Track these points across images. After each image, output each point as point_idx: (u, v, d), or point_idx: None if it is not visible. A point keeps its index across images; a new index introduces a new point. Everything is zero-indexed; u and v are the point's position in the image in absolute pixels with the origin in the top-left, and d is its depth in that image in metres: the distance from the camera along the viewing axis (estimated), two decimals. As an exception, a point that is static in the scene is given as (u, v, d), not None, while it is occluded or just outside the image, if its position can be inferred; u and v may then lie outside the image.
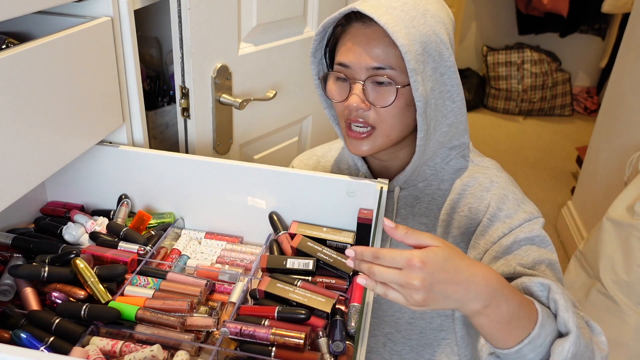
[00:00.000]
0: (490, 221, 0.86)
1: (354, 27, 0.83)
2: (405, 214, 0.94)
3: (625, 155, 2.08)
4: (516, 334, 0.67)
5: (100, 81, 0.91)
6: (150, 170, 1.00)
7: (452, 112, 0.87)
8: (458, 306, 0.64)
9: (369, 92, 0.83)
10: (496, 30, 4.39)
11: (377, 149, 0.87)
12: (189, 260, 0.94)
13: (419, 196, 0.93)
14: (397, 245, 0.95)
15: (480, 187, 0.90)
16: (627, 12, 3.08)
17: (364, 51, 0.81)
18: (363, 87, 0.82)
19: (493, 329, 0.66)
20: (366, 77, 0.82)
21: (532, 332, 0.66)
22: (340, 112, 0.88)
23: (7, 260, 0.87)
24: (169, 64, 1.45)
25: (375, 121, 0.84)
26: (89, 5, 0.90)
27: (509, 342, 0.67)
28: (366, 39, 0.81)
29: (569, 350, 0.66)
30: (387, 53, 0.80)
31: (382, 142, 0.86)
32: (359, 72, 0.82)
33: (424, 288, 0.60)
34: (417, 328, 0.96)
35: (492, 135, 3.99)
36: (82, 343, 0.73)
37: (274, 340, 0.72)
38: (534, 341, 0.67)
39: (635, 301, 1.70)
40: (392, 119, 0.84)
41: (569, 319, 0.68)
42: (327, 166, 1.06)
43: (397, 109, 0.83)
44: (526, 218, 0.85)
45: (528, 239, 0.83)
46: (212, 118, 1.23)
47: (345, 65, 0.83)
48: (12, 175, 0.73)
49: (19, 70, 0.71)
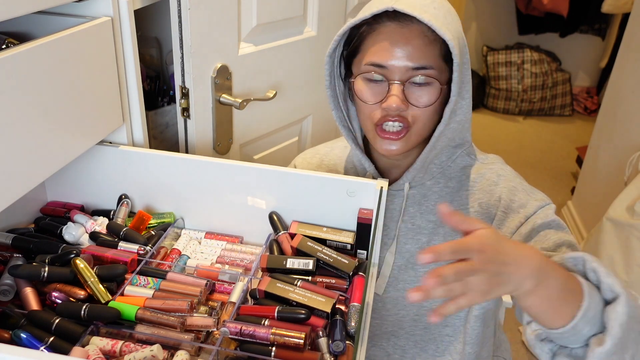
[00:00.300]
0: (505, 214, 0.88)
1: (387, 26, 0.81)
2: (414, 212, 0.94)
3: (625, 155, 2.08)
4: (567, 310, 0.65)
5: (100, 81, 0.91)
6: (150, 170, 1.00)
7: (462, 110, 0.88)
8: (514, 288, 0.62)
9: (408, 92, 0.82)
10: (496, 30, 4.39)
11: (408, 149, 0.87)
12: (189, 260, 0.94)
13: (426, 194, 0.94)
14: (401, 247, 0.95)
15: (488, 182, 0.91)
16: (627, 12, 3.08)
17: (402, 51, 0.80)
18: (402, 87, 0.81)
19: (545, 307, 0.65)
20: (407, 78, 0.81)
21: (583, 303, 0.65)
22: (369, 114, 0.86)
23: (7, 260, 0.87)
24: (169, 64, 1.45)
25: (412, 120, 0.84)
26: (89, 5, 0.90)
27: (560, 320, 0.65)
28: (404, 38, 0.80)
29: (623, 312, 0.64)
30: (426, 52, 0.80)
31: (414, 141, 0.87)
32: (398, 72, 0.81)
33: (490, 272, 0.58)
34: (422, 324, 0.96)
35: (492, 135, 3.99)
36: (82, 343, 0.73)
37: (274, 340, 0.72)
38: (586, 313, 0.65)
39: (636, 301, 1.70)
40: (428, 118, 0.84)
41: (613, 283, 0.67)
42: (331, 164, 1.06)
43: (434, 108, 0.83)
44: (539, 205, 0.86)
45: (545, 224, 0.83)
46: (212, 118, 1.23)
47: (381, 65, 0.81)
48: (12, 175, 0.73)
49: (19, 70, 0.71)
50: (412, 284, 0.94)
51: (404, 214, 0.95)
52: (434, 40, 0.80)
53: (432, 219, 0.93)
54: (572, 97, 4.30)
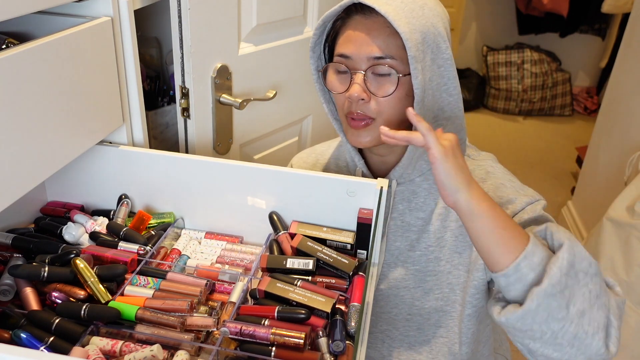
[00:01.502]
0: None
1: (354, 19, 0.84)
2: (402, 208, 0.94)
3: (625, 155, 2.08)
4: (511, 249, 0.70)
5: (100, 81, 0.91)
6: (150, 170, 1.00)
7: (449, 106, 0.88)
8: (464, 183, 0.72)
9: (370, 82, 0.83)
10: (496, 30, 4.39)
11: (376, 142, 0.87)
12: (189, 260, 0.94)
13: (415, 190, 0.94)
14: (390, 245, 0.95)
15: (477, 180, 0.90)
16: (627, 12, 3.08)
17: (364, 41, 0.82)
18: (364, 76, 0.83)
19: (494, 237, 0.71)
20: (367, 67, 0.83)
21: (527, 246, 0.69)
22: (340, 104, 0.88)
23: (7, 260, 0.87)
24: (169, 64, 1.45)
25: (376, 112, 0.85)
26: (89, 5, 0.90)
27: (505, 258, 0.70)
28: (367, 29, 0.82)
29: (563, 257, 0.68)
30: (387, 43, 0.81)
31: None
32: (360, 63, 0.83)
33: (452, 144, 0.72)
34: (415, 324, 0.96)
35: (492, 135, 3.99)
36: (82, 343, 0.73)
37: (274, 340, 0.72)
38: (529, 257, 0.69)
39: (635, 301, 1.70)
40: (392, 109, 0.85)
41: (562, 237, 0.71)
42: (326, 163, 1.06)
43: (397, 99, 0.84)
44: (528, 201, 0.87)
45: (532, 220, 0.84)
46: (212, 118, 1.23)
47: (346, 56, 0.84)
48: (12, 175, 0.73)
49: (19, 70, 0.71)
50: (402, 281, 0.94)
51: (393, 211, 0.95)
52: (396, 33, 0.81)
53: (422, 216, 0.93)
54: (572, 97, 4.30)
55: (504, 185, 0.90)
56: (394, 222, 0.95)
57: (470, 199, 0.72)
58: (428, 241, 0.93)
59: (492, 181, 0.90)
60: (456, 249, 0.92)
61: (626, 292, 1.72)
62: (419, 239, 0.94)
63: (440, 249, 0.92)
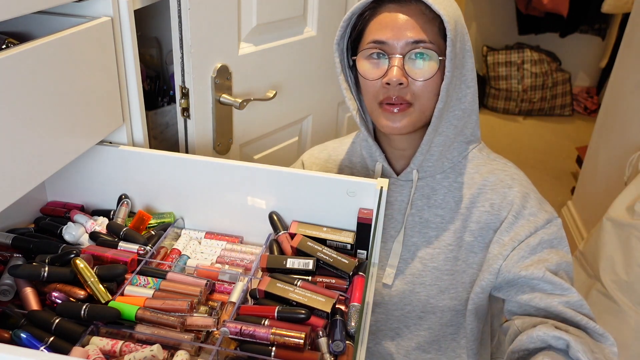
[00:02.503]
0: (515, 218, 0.89)
1: (387, 7, 0.85)
2: (421, 205, 0.95)
3: (625, 155, 2.08)
4: None
5: (100, 81, 0.91)
6: (150, 170, 1.00)
7: (466, 97, 0.89)
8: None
9: (408, 66, 0.84)
10: (496, 30, 4.39)
11: (412, 126, 0.88)
12: (189, 260, 0.94)
13: (435, 187, 0.94)
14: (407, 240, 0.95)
15: (502, 184, 0.91)
16: (627, 12, 3.08)
17: (403, 26, 0.83)
18: (402, 60, 0.83)
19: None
20: (406, 52, 0.83)
21: None
22: (374, 92, 0.87)
23: (7, 260, 0.87)
24: (169, 64, 1.45)
25: (412, 97, 0.85)
26: (89, 5, 0.90)
27: None
28: (404, 14, 0.83)
29: None
30: (425, 28, 0.83)
31: (416, 119, 0.87)
32: (397, 47, 0.83)
33: None
34: (427, 323, 0.96)
35: (492, 135, 3.99)
36: (82, 343, 0.73)
37: (274, 340, 0.72)
38: None
39: (635, 301, 1.70)
40: (429, 94, 0.85)
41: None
42: (339, 159, 1.06)
43: (434, 82, 0.84)
44: (548, 219, 0.89)
45: (550, 241, 0.87)
46: (212, 118, 1.23)
47: (381, 41, 0.84)
48: (12, 175, 0.73)
49: (19, 70, 0.71)
50: (419, 277, 0.94)
51: (412, 206, 0.95)
52: (433, 19, 0.83)
53: (440, 213, 0.93)
54: (572, 97, 4.30)
55: (529, 195, 0.91)
56: (412, 218, 0.95)
57: None
58: (447, 239, 0.93)
59: (518, 188, 0.91)
60: (472, 249, 0.92)
61: (626, 292, 1.72)
62: (438, 236, 0.94)
63: (458, 248, 0.93)
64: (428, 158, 0.92)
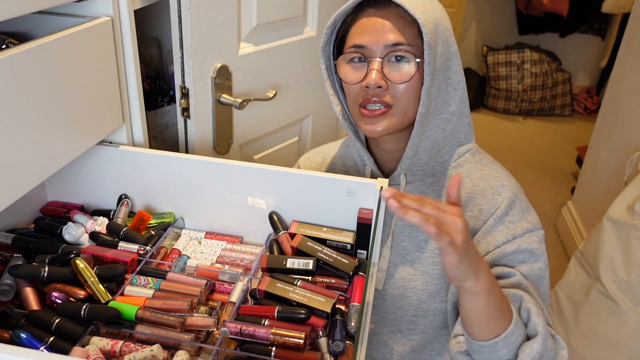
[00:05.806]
0: (496, 222, 0.88)
1: (367, 12, 0.85)
2: None
3: (625, 155, 2.08)
4: (496, 327, 0.74)
5: (100, 81, 0.91)
6: (150, 170, 1.00)
7: (454, 100, 0.88)
8: (473, 273, 0.70)
9: (387, 70, 0.84)
10: (496, 30, 4.39)
11: (392, 129, 0.87)
12: (189, 260, 0.94)
13: (425, 191, 0.94)
14: (397, 244, 0.95)
15: (492, 190, 0.91)
16: (627, 12, 3.08)
17: (381, 29, 0.83)
18: (382, 64, 0.83)
19: (483, 314, 0.73)
20: (384, 55, 0.83)
21: (509, 327, 0.74)
22: (354, 97, 0.88)
23: (7, 260, 0.87)
24: (169, 64, 1.45)
25: (392, 100, 0.85)
26: (89, 5, 0.90)
27: (487, 334, 0.75)
28: (382, 18, 0.83)
29: (536, 351, 0.74)
30: (403, 31, 0.83)
31: (398, 121, 0.87)
32: (376, 51, 0.84)
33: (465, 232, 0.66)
34: (420, 327, 0.96)
35: (492, 135, 3.99)
36: (82, 343, 0.73)
37: (274, 340, 0.72)
38: (508, 337, 0.74)
39: (635, 301, 1.70)
40: (409, 96, 0.85)
41: (538, 323, 0.76)
42: (333, 163, 1.06)
43: (414, 85, 0.84)
44: (528, 228, 0.88)
45: (527, 250, 0.86)
46: (212, 118, 1.23)
47: (361, 45, 0.85)
48: (12, 175, 0.73)
49: (19, 70, 0.71)
50: (409, 281, 0.94)
51: None
52: (411, 22, 0.83)
53: None
54: (572, 97, 4.30)
55: (514, 203, 0.90)
56: (401, 222, 0.95)
57: (476, 285, 0.71)
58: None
59: (506, 194, 0.90)
60: None
61: (626, 292, 1.72)
62: (427, 240, 0.93)
63: None
64: (416, 162, 0.92)
